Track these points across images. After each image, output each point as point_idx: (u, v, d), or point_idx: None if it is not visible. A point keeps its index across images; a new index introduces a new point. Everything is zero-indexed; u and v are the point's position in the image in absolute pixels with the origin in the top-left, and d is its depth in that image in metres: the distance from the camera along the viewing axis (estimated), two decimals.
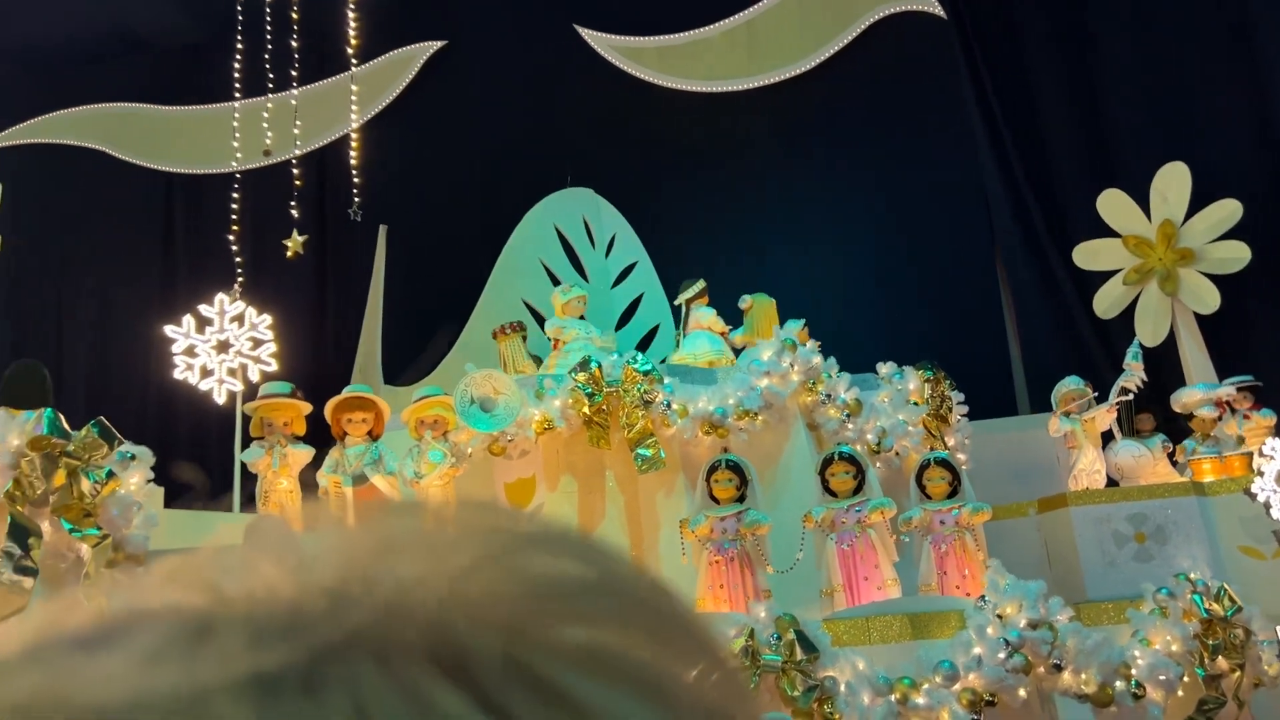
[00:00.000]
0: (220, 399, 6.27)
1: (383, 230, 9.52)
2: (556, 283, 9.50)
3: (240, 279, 6.38)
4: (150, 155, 11.83)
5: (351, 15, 6.33)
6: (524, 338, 7.27)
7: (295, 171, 6.46)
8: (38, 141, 12.16)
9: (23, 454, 3.47)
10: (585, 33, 10.84)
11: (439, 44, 11.16)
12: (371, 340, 9.13)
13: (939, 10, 9.91)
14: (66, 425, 3.61)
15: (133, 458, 4.11)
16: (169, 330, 6.26)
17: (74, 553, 3.69)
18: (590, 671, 0.30)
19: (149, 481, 4.27)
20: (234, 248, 6.45)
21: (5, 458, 3.45)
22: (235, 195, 6.66)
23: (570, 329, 6.28)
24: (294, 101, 6.53)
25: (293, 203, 6.53)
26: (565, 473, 5.91)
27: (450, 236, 9.81)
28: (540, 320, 9.38)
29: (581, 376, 5.76)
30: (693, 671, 0.33)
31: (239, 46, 6.94)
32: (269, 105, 7.78)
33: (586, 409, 5.73)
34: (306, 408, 5.34)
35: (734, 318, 7.93)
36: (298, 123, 6.58)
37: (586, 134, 10.36)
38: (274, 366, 6.38)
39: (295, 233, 6.56)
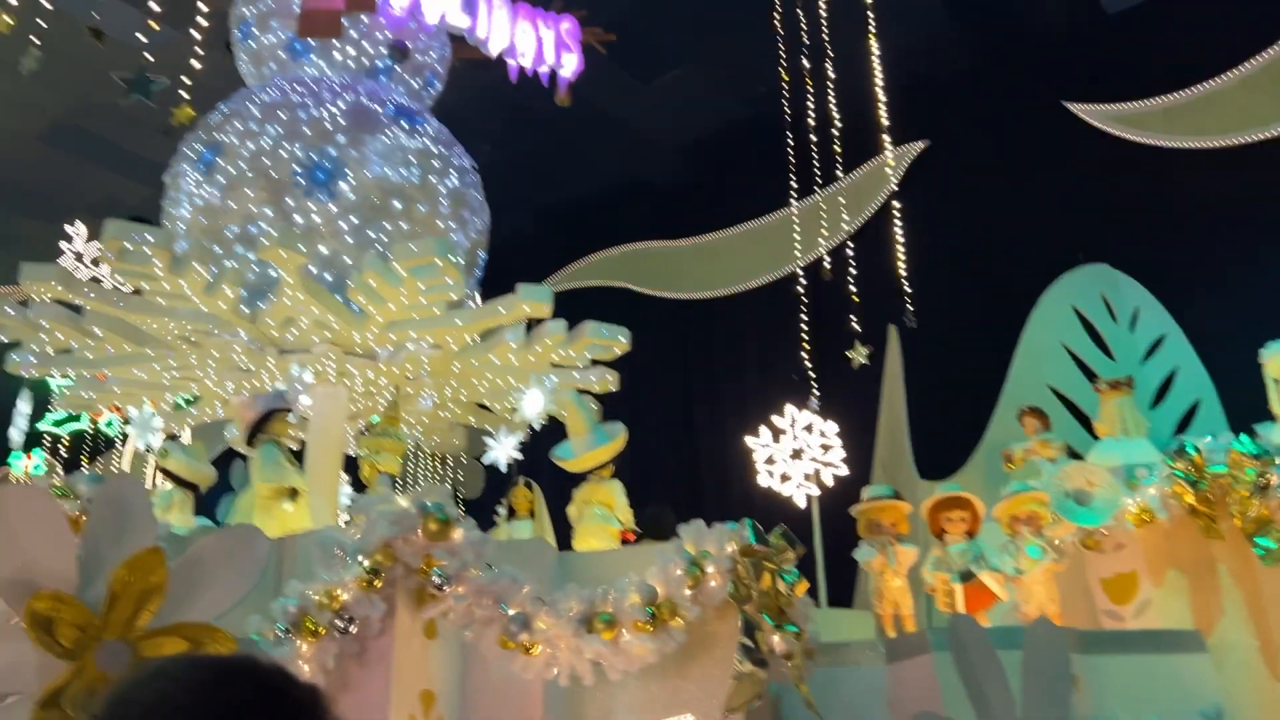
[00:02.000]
0: (801, 503, 6.82)
1: (892, 329, 9.84)
2: (1082, 365, 9.24)
3: (815, 391, 6.95)
4: (666, 286, 13.35)
5: (888, 146, 6.80)
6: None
7: (853, 288, 6.96)
8: (571, 287, 14.21)
9: (736, 559, 4.10)
10: (1076, 108, 10.59)
11: (921, 144, 11.49)
12: (896, 437, 9.40)
13: None
14: (764, 533, 4.21)
15: None
16: (749, 441, 6.97)
17: (768, 646, 4.21)
18: None
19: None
20: (807, 361, 7.05)
21: (724, 562, 4.09)
22: (804, 312, 7.28)
23: None
24: (845, 225, 7.07)
25: (852, 316, 7.04)
26: (1170, 566, 5.63)
27: (962, 329, 9.89)
28: (1070, 405, 9.15)
29: (1180, 464, 5.52)
30: None
31: (791, 174, 7.61)
32: (814, 206, 8.43)
33: (1190, 498, 5.46)
34: (909, 507, 5.67)
35: None
36: (843, 242, 7.12)
37: (1092, 209, 10.02)
38: (846, 471, 6.83)
39: (857, 344, 7.06)
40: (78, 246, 11.62)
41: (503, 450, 6.40)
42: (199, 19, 6.55)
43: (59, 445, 11.17)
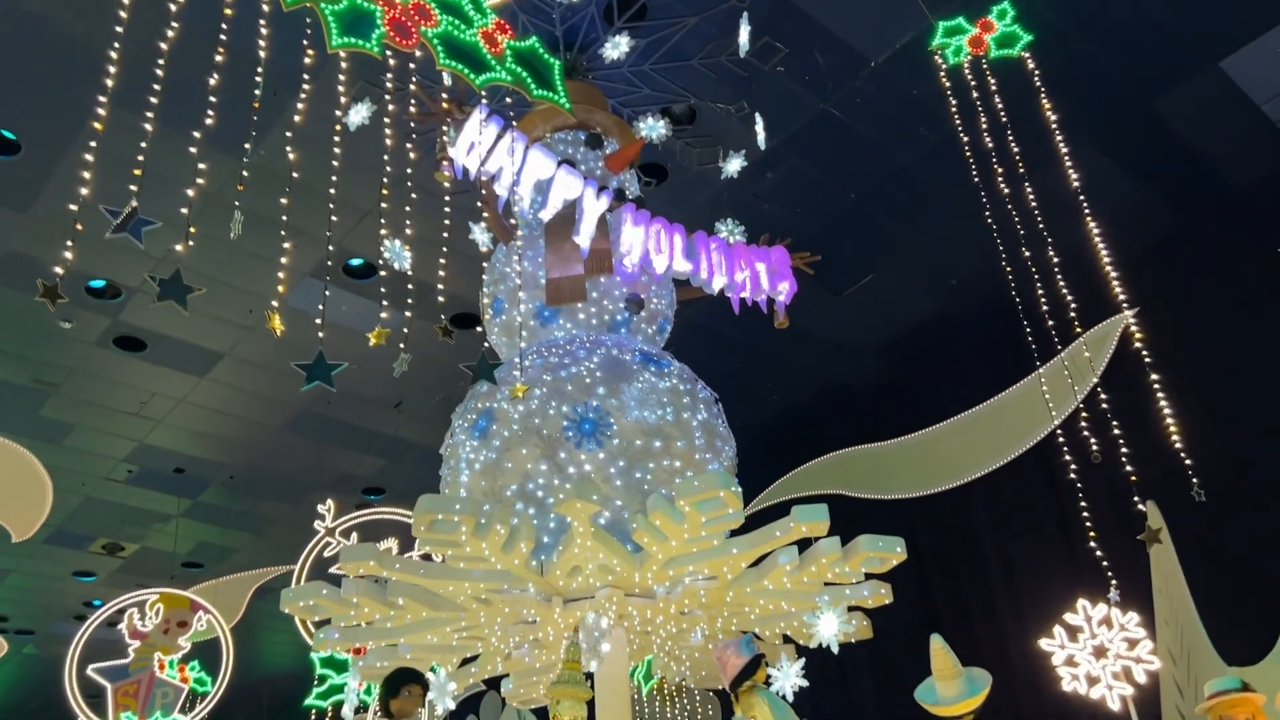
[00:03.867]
0: (1115, 705, 6.33)
1: (1152, 505, 9.30)
2: None
3: (1114, 583, 6.60)
4: (881, 488, 13.13)
5: (1129, 315, 6.72)
6: None
7: (1128, 469, 6.71)
8: (784, 499, 14.16)
9: None
10: None
11: (1130, 312, 11.22)
12: (1182, 621, 8.69)
13: None
14: None
15: None
16: (1044, 644, 6.59)
17: None
18: None
19: None
20: (1098, 553, 6.73)
21: None
22: (1082, 497, 7.02)
23: None
24: (1104, 408, 6.92)
25: (1136, 497, 6.75)
26: None
27: (1227, 496, 9.25)
28: None
29: None
30: None
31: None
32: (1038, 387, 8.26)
33: None
34: (1264, 698, 5.18)
35: None
36: (1105, 419, 6.94)
37: None
38: (1156, 664, 6.34)
39: (1149, 525, 6.73)
40: (328, 523, 12.48)
41: (788, 679, 6.27)
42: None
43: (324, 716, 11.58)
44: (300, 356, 14.56)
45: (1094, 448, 6.69)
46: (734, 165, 8.38)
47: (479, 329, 7.91)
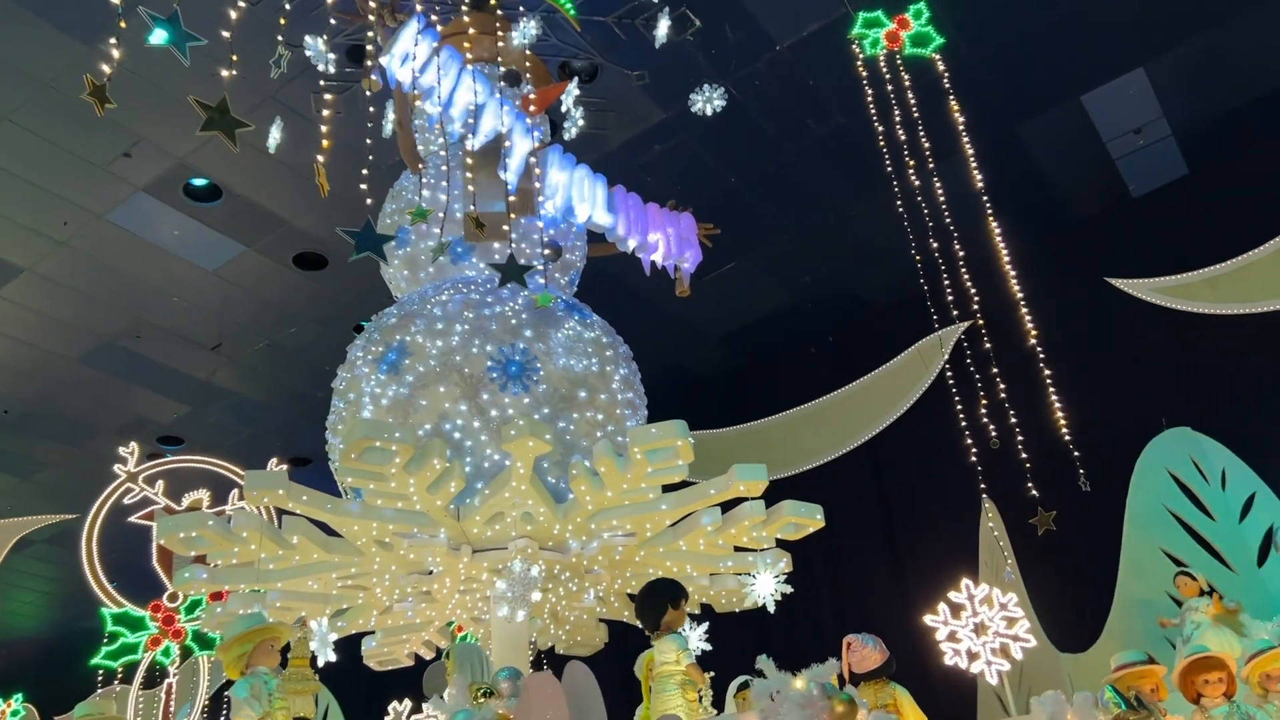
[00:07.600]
0: (993, 680, 6.61)
1: (989, 502, 9.88)
2: (1188, 528, 9.34)
3: (1010, 562, 6.87)
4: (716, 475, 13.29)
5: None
6: None
7: (1024, 456, 7.03)
8: None
9: None
10: (1120, 283, 11.16)
11: (965, 324, 11.91)
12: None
13: None
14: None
15: None
16: (928, 620, 6.80)
17: None
18: None
19: None
20: (991, 524, 6.99)
21: None
22: (984, 490, 7.27)
23: None
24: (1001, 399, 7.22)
25: (1030, 484, 7.08)
26: None
27: (1065, 500, 9.96)
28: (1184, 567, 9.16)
29: None
30: None
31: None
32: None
33: None
34: (1164, 670, 5.53)
35: None
36: (1002, 409, 7.25)
37: (1159, 377, 10.40)
38: (1033, 643, 6.68)
39: (1040, 510, 7.06)
40: (130, 467, 11.23)
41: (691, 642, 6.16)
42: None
43: (114, 679, 10.35)
44: (113, 279, 12.98)
45: (993, 434, 6.99)
46: (662, 28, 7.81)
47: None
